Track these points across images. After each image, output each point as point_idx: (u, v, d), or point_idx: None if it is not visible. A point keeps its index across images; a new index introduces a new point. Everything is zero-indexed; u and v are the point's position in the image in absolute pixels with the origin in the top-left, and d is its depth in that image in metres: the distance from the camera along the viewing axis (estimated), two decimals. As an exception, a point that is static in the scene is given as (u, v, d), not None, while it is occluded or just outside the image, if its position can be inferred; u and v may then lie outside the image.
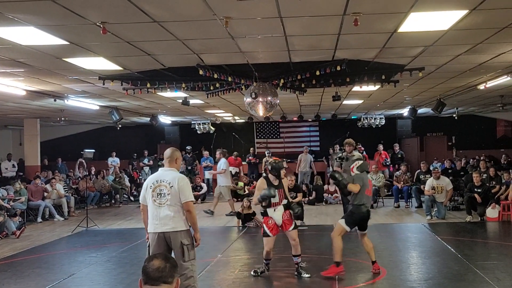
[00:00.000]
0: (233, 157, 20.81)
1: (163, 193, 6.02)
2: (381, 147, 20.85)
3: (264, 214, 8.04)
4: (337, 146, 21.15)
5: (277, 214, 7.96)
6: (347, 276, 8.07)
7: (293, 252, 8.10)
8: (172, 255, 5.90)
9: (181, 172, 20.99)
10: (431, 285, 7.60)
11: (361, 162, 8.25)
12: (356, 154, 12.85)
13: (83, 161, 20.86)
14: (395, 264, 8.93)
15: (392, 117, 24.13)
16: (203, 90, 11.65)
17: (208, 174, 15.70)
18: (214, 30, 7.10)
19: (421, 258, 9.51)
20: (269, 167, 8.08)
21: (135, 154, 24.01)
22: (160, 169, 6.37)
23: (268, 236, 7.97)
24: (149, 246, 6.18)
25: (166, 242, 6.04)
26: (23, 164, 20.62)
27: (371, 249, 8.24)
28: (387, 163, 20.26)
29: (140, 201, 6.33)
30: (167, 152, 6.29)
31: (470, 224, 12.89)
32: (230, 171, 20.65)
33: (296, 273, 8.13)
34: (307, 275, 8.00)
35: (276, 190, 7.91)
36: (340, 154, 12.90)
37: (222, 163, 16.01)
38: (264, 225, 8.04)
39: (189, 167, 21.86)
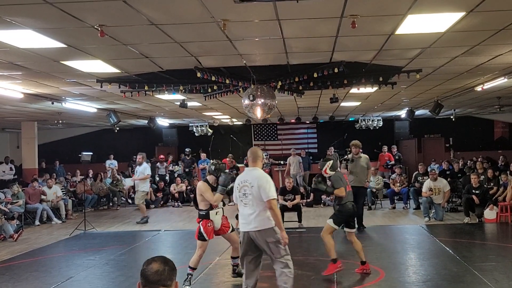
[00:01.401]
0: (227, 160, 20.80)
1: (246, 193, 6.19)
2: (385, 148, 20.84)
3: (205, 216, 7.73)
4: (332, 148, 21.14)
5: (218, 217, 7.86)
6: (345, 278, 8.07)
7: (234, 254, 8.06)
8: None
9: (179, 175, 20.90)
10: (430, 286, 7.60)
11: (331, 162, 8.37)
12: (363, 155, 12.88)
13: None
14: (393, 265, 8.94)
15: (389, 119, 24.16)
16: (201, 93, 11.65)
17: (130, 181, 14.82)
18: (212, 33, 7.10)
19: (419, 260, 9.52)
20: (212, 168, 7.90)
21: (134, 157, 23.98)
22: (245, 168, 6.52)
23: (205, 240, 7.73)
24: (240, 243, 6.41)
25: (252, 241, 6.20)
26: (21, 167, 20.60)
27: (360, 250, 8.28)
28: (389, 166, 20.26)
29: (233, 201, 6.51)
30: (252, 151, 6.42)
31: (468, 226, 12.90)
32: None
33: (234, 274, 8.15)
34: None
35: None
36: (345, 156, 12.91)
37: (147, 167, 15.36)
38: (202, 228, 7.72)
39: (187, 169, 21.86)
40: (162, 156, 22.50)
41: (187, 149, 22.56)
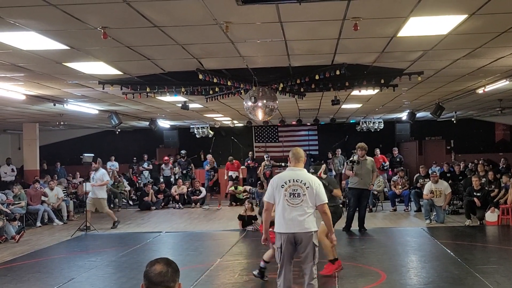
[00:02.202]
0: (229, 162, 20.82)
1: (298, 193, 5.99)
2: (378, 151, 20.85)
3: None
4: (339, 150, 21.16)
5: None
6: (346, 281, 8.07)
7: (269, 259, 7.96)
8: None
9: (180, 177, 20.84)
10: (431, 289, 7.61)
11: (325, 165, 8.62)
12: (369, 158, 12.91)
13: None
14: (394, 268, 8.93)
15: (390, 121, 24.15)
16: (202, 95, 11.66)
17: (90, 187, 14.08)
18: (214, 35, 7.11)
19: (420, 262, 9.51)
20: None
21: (135, 158, 24.01)
22: (289, 169, 6.29)
23: None
24: (281, 246, 6.07)
25: (294, 242, 6.05)
26: (22, 169, 20.61)
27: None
28: (385, 167, 20.27)
29: (266, 200, 6.18)
30: (297, 151, 6.30)
31: (469, 228, 12.89)
32: (231, 175, 20.71)
33: (265, 277, 8.06)
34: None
35: None
36: (351, 158, 12.94)
37: (105, 173, 14.87)
38: None
39: (184, 171, 21.86)
40: (166, 158, 22.51)
41: (182, 152, 22.55)
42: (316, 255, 6.10)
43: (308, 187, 6.02)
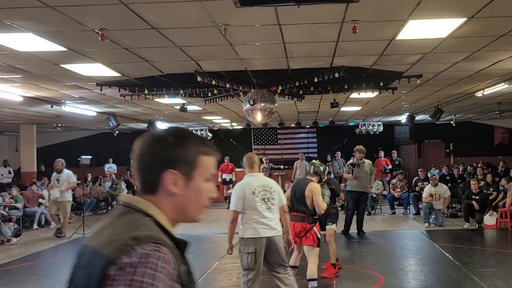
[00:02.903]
0: (224, 163, 20.76)
1: (268, 198, 6.09)
2: (382, 153, 20.82)
3: (317, 221, 7.37)
4: (339, 153, 21.15)
5: None
6: (345, 284, 8.05)
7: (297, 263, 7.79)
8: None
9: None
10: (430, 293, 7.58)
11: (326, 167, 8.49)
12: (367, 161, 12.90)
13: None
14: (393, 271, 8.91)
15: (389, 124, 24.13)
16: (201, 97, 11.64)
17: (57, 192, 13.00)
18: (213, 37, 7.09)
19: (419, 266, 9.49)
20: (321, 169, 7.57)
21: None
22: (250, 174, 6.24)
23: (319, 245, 7.35)
24: (253, 252, 6.01)
25: (267, 246, 6.05)
26: (19, 171, 20.57)
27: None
28: (387, 171, 20.25)
29: (233, 209, 6.14)
30: (251, 157, 6.33)
31: (468, 232, 12.87)
32: (224, 178, 20.66)
33: None
34: None
35: None
36: (351, 161, 12.92)
37: (71, 174, 13.61)
38: (318, 232, 7.30)
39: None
40: None
41: None
42: (284, 255, 6.19)
43: (274, 191, 6.15)
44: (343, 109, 16.73)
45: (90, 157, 24.63)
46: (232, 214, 6.16)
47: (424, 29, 6.93)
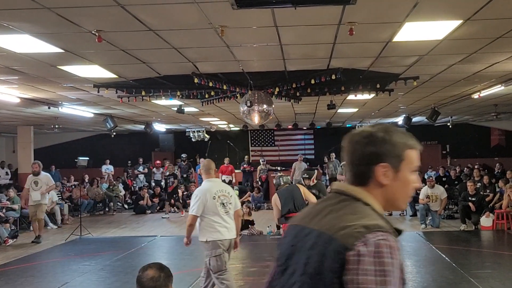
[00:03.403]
0: (224, 164, 20.79)
1: (226, 202, 6.46)
2: None
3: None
4: (333, 154, 21.18)
5: None
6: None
7: None
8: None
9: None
10: (426, 294, 7.60)
11: (316, 172, 8.88)
12: None
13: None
14: (389, 273, 8.91)
15: (386, 126, 24.14)
16: (198, 98, 11.64)
17: (38, 195, 12.56)
18: (210, 39, 7.10)
19: (415, 267, 9.51)
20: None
21: (129, 162, 23.97)
22: (209, 179, 6.62)
23: None
24: (221, 253, 6.33)
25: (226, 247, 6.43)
26: (16, 172, 20.54)
27: None
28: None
29: (194, 213, 6.34)
30: (208, 164, 6.71)
31: (464, 233, 12.90)
32: (224, 180, 20.67)
33: None
34: None
35: None
36: (344, 162, 12.97)
37: (50, 177, 13.37)
38: None
39: (184, 175, 21.84)
40: (158, 162, 22.47)
41: (183, 155, 22.54)
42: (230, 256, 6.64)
43: (231, 196, 6.56)
44: (340, 110, 16.76)
45: (87, 158, 24.64)
46: (191, 219, 6.37)
47: (421, 31, 6.94)
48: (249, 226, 13.23)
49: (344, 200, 1.78)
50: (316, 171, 9.01)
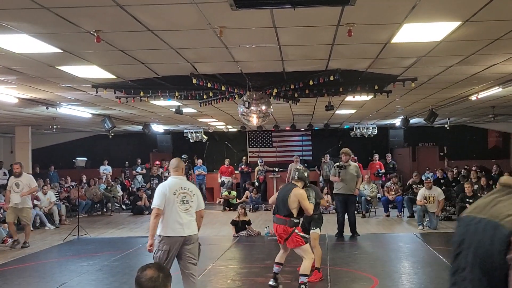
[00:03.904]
0: (224, 165, 20.78)
1: (187, 200, 6.52)
2: (376, 157, 20.92)
3: (298, 224, 7.69)
4: (327, 156, 21.24)
5: None
6: (339, 286, 8.07)
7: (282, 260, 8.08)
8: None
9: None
10: (424, 295, 7.61)
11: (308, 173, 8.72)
12: (352, 163, 12.99)
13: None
14: (387, 274, 8.93)
15: (384, 127, 24.20)
16: (196, 99, 11.65)
17: (18, 198, 11.82)
18: (208, 39, 7.10)
19: (413, 268, 9.53)
20: (305, 174, 7.95)
21: (127, 163, 23.96)
22: (173, 177, 6.72)
23: (307, 241, 7.74)
24: (167, 250, 6.39)
25: (183, 244, 6.48)
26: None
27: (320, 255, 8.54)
28: (380, 174, 20.34)
29: (156, 206, 6.46)
30: (175, 162, 6.81)
31: (462, 234, 12.89)
32: (223, 181, 20.70)
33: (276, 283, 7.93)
34: None
35: None
36: (338, 163, 12.99)
37: (32, 178, 12.67)
38: (299, 232, 7.62)
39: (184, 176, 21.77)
40: (157, 162, 22.46)
41: (183, 156, 22.54)
42: (199, 254, 6.74)
43: (194, 194, 6.61)
44: (338, 112, 16.78)
45: (85, 159, 24.64)
46: (155, 211, 6.48)
47: (419, 33, 6.96)
48: (246, 226, 13.23)
49: (510, 193, 1.94)
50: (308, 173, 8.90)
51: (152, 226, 6.50)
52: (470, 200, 13.54)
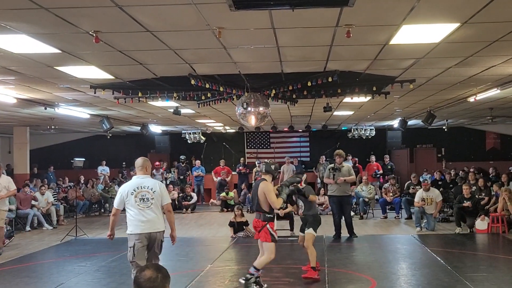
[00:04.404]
0: (219, 166, 20.77)
1: (147, 198, 6.73)
2: (373, 158, 20.94)
3: (272, 219, 7.73)
4: (323, 157, 21.26)
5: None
6: (337, 287, 8.07)
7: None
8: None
9: (171, 182, 20.84)
10: (421, 296, 7.61)
11: (305, 175, 8.99)
12: (346, 165, 13.04)
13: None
14: (384, 275, 8.93)
15: (382, 129, 24.22)
16: (194, 100, 11.65)
17: None
18: (207, 40, 7.11)
19: (410, 270, 9.52)
20: (272, 167, 7.95)
21: (124, 163, 23.95)
22: (136, 177, 7.01)
23: (276, 240, 7.68)
24: (133, 246, 6.71)
25: (147, 241, 6.74)
26: (12, 172, 20.48)
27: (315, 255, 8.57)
28: (377, 175, 20.36)
29: (115, 206, 6.92)
30: (140, 161, 7.02)
31: (459, 236, 12.92)
32: (219, 181, 20.71)
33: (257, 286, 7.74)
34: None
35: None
36: (332, 165, 13.02)
37: (11, 180, 11.69)
38: (271, 229, 7.61)
39: (182, 177, 21.81)
40: (158, 163, 22.46)
41: (182, 157, 22.57)
42: (161, 248, 6.92)
43: (154, 191, 6.79)
44: (336, 113, 16.79)
45: (83, 159, 24.62)
46: (113, 211, 7.00)
47: (418, 34, 6.97)
48: (244, 227, 13.22)
49: None
50: (305, 175, 9.00)
51: (110, 221, 7.09)
52: (468, 202, 13.55)
